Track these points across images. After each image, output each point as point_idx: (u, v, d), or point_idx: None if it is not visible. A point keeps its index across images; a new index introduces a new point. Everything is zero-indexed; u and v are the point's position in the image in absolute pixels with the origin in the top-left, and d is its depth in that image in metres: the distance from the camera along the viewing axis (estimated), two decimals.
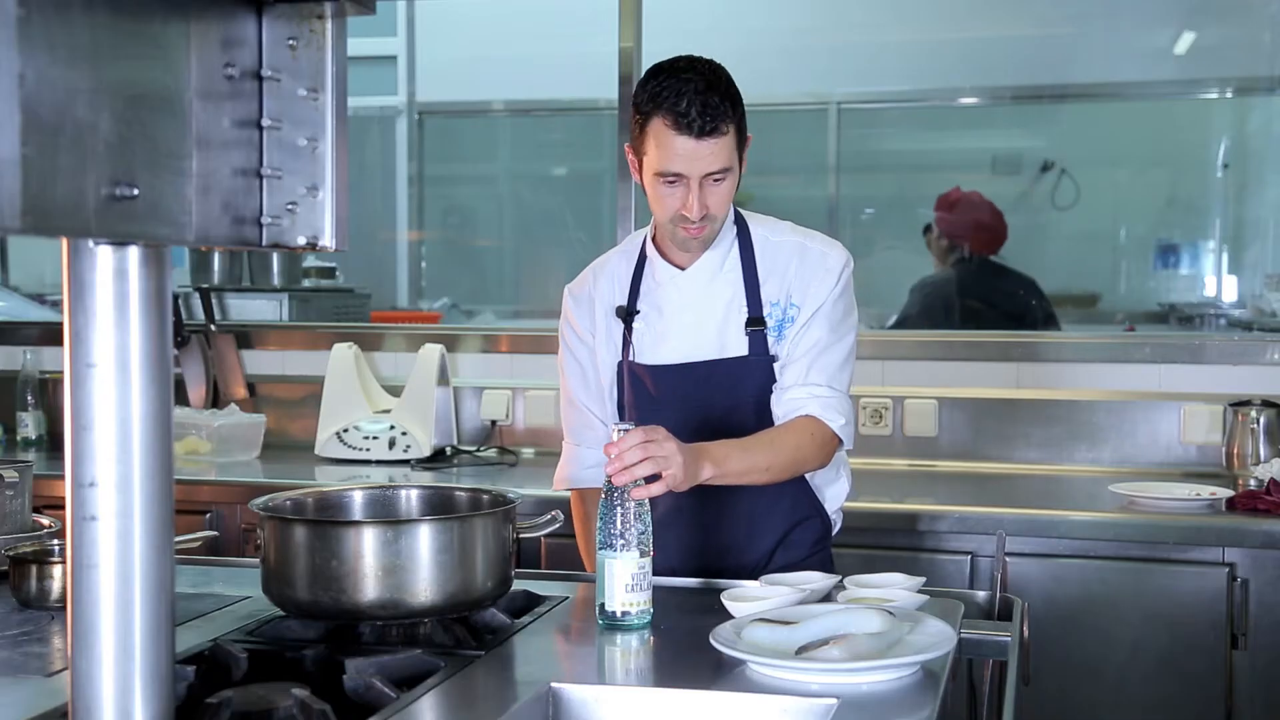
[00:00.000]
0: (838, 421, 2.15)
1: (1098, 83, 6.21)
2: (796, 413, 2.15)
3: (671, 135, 2.05)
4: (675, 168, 2.06)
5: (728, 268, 2.22)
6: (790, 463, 2.13)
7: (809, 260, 2.21)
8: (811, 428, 2.14)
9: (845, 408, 2.18)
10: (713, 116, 2.03)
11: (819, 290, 2.19)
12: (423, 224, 6.82)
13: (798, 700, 1.52)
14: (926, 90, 6.40)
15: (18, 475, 2.17)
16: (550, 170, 7.09)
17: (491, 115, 6.97)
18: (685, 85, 2.04)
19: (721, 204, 2.12)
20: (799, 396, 2.16)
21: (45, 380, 3.97)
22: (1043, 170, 6.43)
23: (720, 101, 2.04)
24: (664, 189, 2.10)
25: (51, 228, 0.92)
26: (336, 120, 1.16)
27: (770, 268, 2.22)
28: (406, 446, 3.61)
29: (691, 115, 2.03)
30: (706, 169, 2.06)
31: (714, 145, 2.05)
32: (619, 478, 1.82)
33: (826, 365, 2.18)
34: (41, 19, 0.89)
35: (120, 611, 1.05)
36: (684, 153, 2.05)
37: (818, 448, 2.15)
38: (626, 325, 2.26)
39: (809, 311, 2.19)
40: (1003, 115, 6.77)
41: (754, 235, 2.24)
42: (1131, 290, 6.61)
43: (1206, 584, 2.78)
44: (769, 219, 2.29)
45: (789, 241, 2.24)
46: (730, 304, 2.21)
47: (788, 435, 2.14)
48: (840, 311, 2.21)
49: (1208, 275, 6.53)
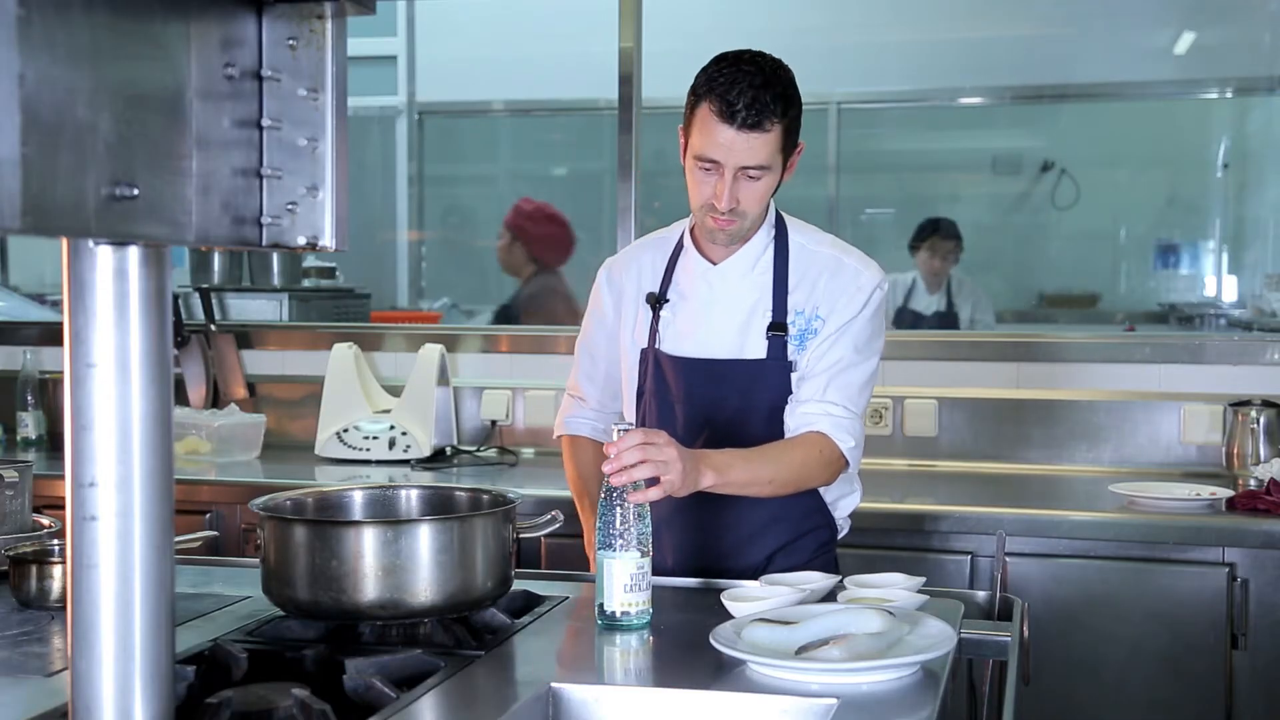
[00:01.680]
0: (847, 443, 2.14)
1: (1098, 83, 6.22)
2: (808, 428, 2.14)
3: (715, 122, 2.05)
4: (712, 154, 2.07)
5: (759, 269, 2.21)
6: (794, 479, 2.12)
7: (842, 275, 2.19)
8: (820, 445, 2.13)
9: (857, 430, 2.17)
10: (758, 111, 2.03)
11: (847, 307, 2.18)
12: (423, 224, 6.82)
13: (798, 700, 1.52)
14: (926, 90, 6.40)
15: (18, 475, 2.17)
16: (550, 170, 7.10)
17: (491, 115, 6.98)
18: (741, 76, 2.04)
19: (753, 201, 2.11)
20: (813, 412, 2.14)
21: (45, 380, 3.97)
22: (1043, 170, 6.44)
23: (772, 100, 2.04)
24: (700, 174, 2.10)
25: (51, 228, 0.92)
26: (336, 120, 1.16)
27: (801, 276, 2.20)
28: (406, 446, 3.61)
29: (738, 106, 2.03)
30: (742, 162, 2.06)
31: (754, 140, 2.05)
32: (616, 478, 1.81)
33: (845, 385, 2.16)
34: (41, 19, 0.89)
35: (120, 611, 1.05)
36: (723, 141, 2.05)
37: (823, 466, 2.14)
38: (655, 312, 2.25)
39: (834, 326, 2.17)
40: (1003, 115, 6.77)
41: (791, 242, 2.23)
42: (1131, 290, 6.61)
43: (1206, 584, 2.78)
44: (810, 228, 2.28)
45: (825, 254, 2.22)
46: (756, 305, 2.20)
47: (794, 451, 2.12)
48: (868, 333, 2.19)
49: (1208, 275, 6.54)
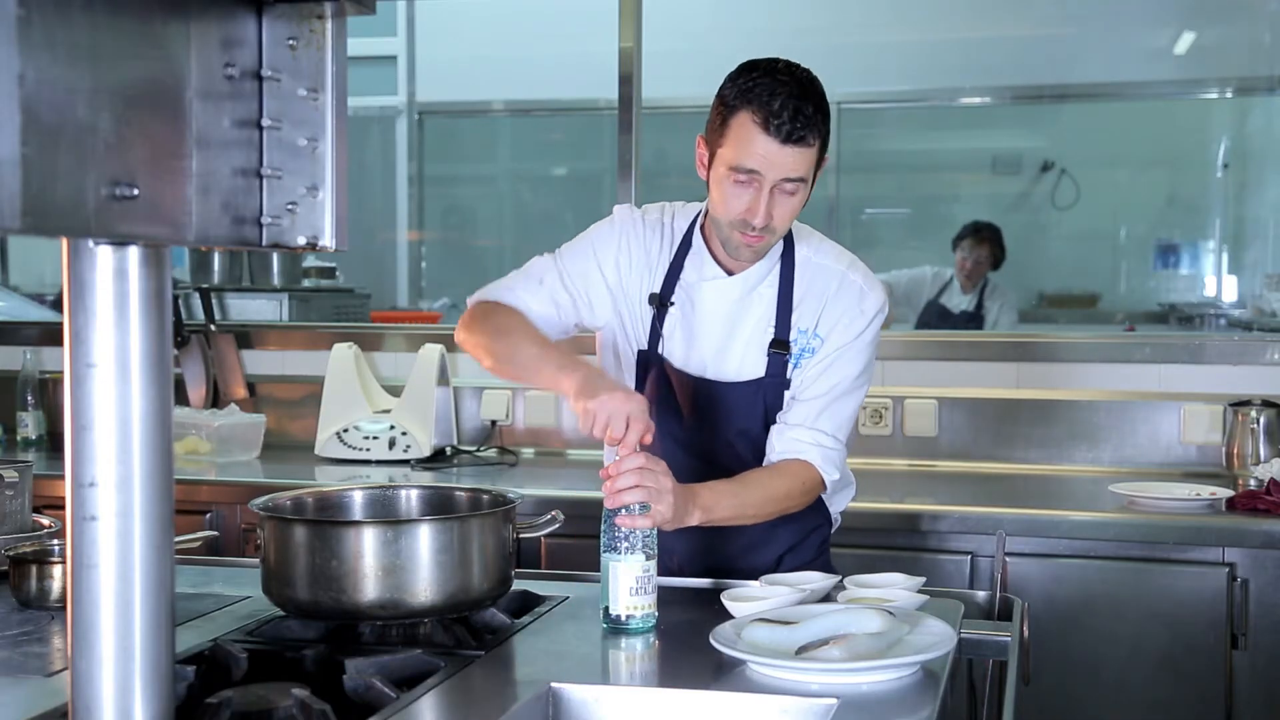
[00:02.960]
0: (832, 475, 2.14)
1: (1098, 83, 6.22)
2: (795, 455, 2.12)
3: (757, 133, 1.98)
4: (752, 164, 1.99)
5: (767, 283, 2.16)
6: (776, 510, 2.11)
7: (846, 293, 2.16)
8: (805, 476, 2.12)
9: (841, 462, 2.17)
10: (803, 124, 1.97)
11: (847, 329, 2.14)
12: (423, 224, 6.82)
13: (798, 700, 1.52)
14: (926, 90, 6.40)
15: (18, 475, 2.17)
16: (550, 170, 7.10)
17: (491, 115, 6.98)
18: (780, 87, 1.98)
19: (786, 217, 2.06)
20: (804, 440, 2.12)
21: (45, 380, 3.97)
22: (1043, 170, 6.44)
23: (814, 113, 1.99)
24: (734, 187, 2.03)
25: (51, 228, 0.92)
26: (336, 120, 1.16)
27: (807, 290, 2.16)
28: (406, 446, 3.61)
29: (783, 118, 1.97)
30: (783, 174, 2.00)
31: (797, 154, 1.99)
32: (609, 500, 1.82)
33: (837, 414, 2.14)
34: (41, 19, 0.89)
35: (120, 611, 1.05)
36: (765, 153, 1.98)
37: (804, 495, 2.14)
38: (659, 314, 2.19)
39: (833, 347, 2.14)
40: (1003, 115, 6.77)
41: (798, 255, 2.18)
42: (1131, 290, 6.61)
43: (1206, 584, 2.78)
44: (815, 236, 2.23)
45: (831, 268, 2.18)
46: (760, 321, 2.16)
47: (780, 481, 2.11)
48: (864, 361, 2.16)
49: (1208, 275, 6.54)
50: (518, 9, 6.34)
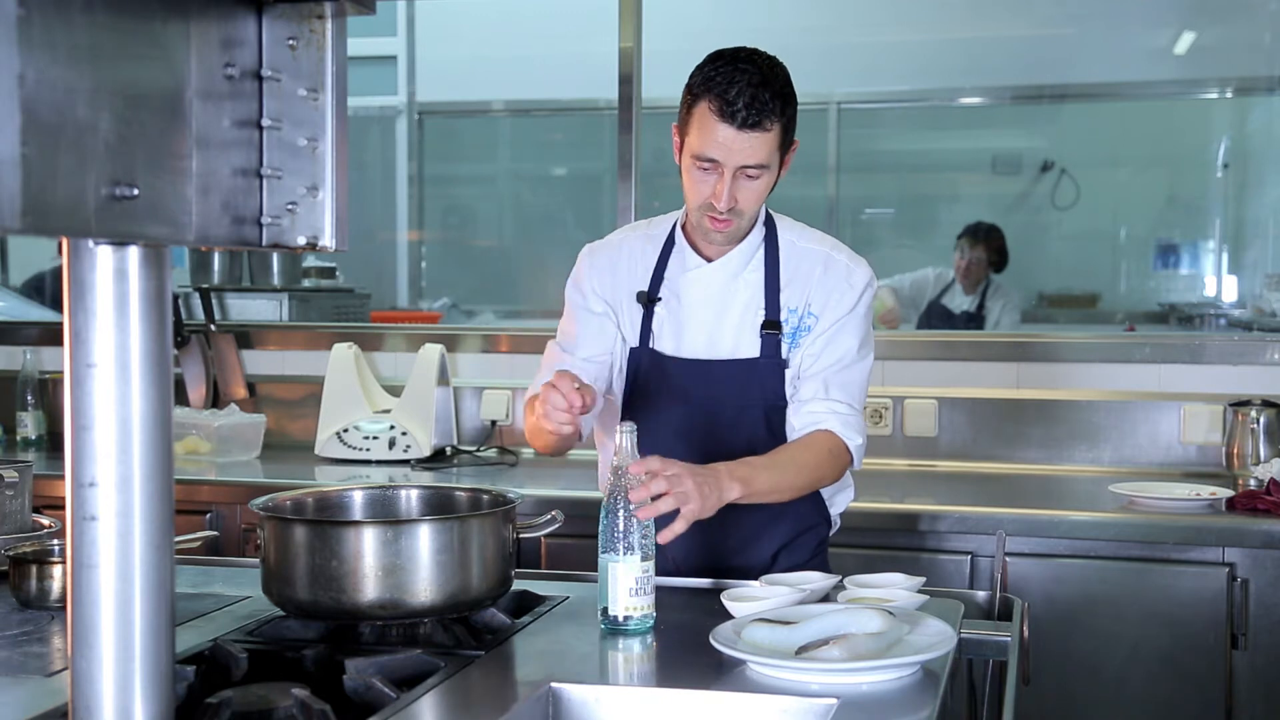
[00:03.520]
0: (855, 440, 2.16)
1: (1098, 83, 6.22)
2: (815, 426, 2.14)
3: (714, 121, 2.04)
4: (712, 154, 2.06)
5: (752, 267, 2.21)
6: (810, 483, 2.14)
7: (833, 272, 2.20)
8: (830, 444, 2.14)
9: (863, 427, 2.18)
10: (758, 111, 2.02)
11: (839, 304, 2.19)
12: (423, 224, 6.82)
13: (798, 700, 1.52)
14: (926, 90, 6.40)
15: (18, 475, 2.17)
16: (550, 170, 7.10)
17: (491, 115, 6.98)
18: (739, 75, 2.03)
19: (751, 200, 2.11)
20: (819, 411, 2.15)
21: (45, 380, 3.97)
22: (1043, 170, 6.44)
23: (770, 99, 2.03)
24: (698, 173, 2.09)
25: (51, 228, 0.92)
26: (336, 120, 1.16)
27: (793, 273, 2.21)
28: (406, 446, 3.61)
29: (738, 105, 2.02)
30: (742, 161, 2.06)
31: (754, 139, 2.04)
32: (643, 512, 1.80)
33: (847, 383, 2.17)
34: (41, 19, 0.89)
35: (120, 611, 1.05)
36: (723, 141, 2.04)
37: (834, 465, 2.15)
38: (647, 311, 2.24)
39: (828, 323, 2.18)
40: (1003, 115, 6.77)
41: (781, 239, 2.23)
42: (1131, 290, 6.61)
43: (1206, 584, 2.78)
44: (798, 225, 2.28)
45: (815, 250, 2.23)
46: (749, 304, 2.20)
47: (808, 452, 2.13)
48: (861, 333, 2.20)
49: (1208, 275, 6.53)
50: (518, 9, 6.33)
